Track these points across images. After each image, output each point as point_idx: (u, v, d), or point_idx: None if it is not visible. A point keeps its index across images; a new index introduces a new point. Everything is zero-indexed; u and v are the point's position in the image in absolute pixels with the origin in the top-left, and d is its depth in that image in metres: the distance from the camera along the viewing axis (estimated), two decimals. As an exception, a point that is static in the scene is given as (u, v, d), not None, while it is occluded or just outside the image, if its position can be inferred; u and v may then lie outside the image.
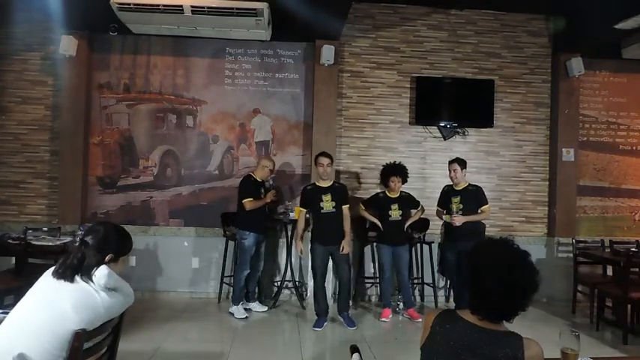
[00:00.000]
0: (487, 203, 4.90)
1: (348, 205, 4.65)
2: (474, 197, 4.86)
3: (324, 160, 4.57)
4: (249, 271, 4.85)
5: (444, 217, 4.94)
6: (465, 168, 4.91)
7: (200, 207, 5.66)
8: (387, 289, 4.94)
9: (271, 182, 5.14)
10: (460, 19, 5.93)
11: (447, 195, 4.97)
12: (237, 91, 5.75)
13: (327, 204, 4.51)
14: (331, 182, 4.66)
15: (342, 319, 4.60)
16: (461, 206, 4.79)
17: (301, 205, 4.70)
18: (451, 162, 4.92)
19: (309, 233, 4.78)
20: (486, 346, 1.39)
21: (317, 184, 4.64)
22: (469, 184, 4.94)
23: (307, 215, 4.75)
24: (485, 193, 4.94)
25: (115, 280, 1.88)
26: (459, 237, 4.65)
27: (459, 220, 4.72)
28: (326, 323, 4.54)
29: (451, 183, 4.98)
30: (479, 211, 4.85)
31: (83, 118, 5.49)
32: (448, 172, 4.93)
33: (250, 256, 4.84)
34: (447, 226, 4.92)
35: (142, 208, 5.64)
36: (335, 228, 4.54)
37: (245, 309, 4.89)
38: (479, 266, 1.47)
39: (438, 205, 5.08)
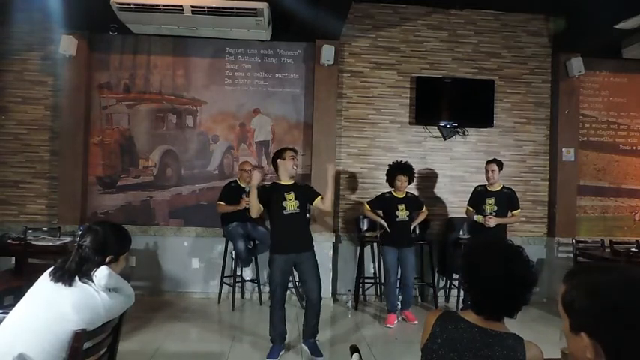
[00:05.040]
0: (519, 208, 4.95)
1: (320, 196, 3.88)
2: (507, 200, 4.88)
3: (294, 154, 3.86)
4: (243, 240, 5.05)
5: (475, 217, 4.90)
6: (502, 169, 4.90)
7: (200, 207, 5.65)
8: (392, 294, 4.81)
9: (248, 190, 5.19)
10: (460, 19, 5.93)
11: (480, 195, 4.94)
12: (237, 91, 5.74)
13: (291, 204, 3.75)
14: (293, 181, 3.91)
15: (306, 348, 3.82)
16: (495, 208, 4.81)
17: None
18: (490, 162, 4.90)
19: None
20: (487, 347, 1.39)
21: (277, 182, 3.87)
22: (503, 186, 4.94)
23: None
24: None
25: (116, 280, 1.87)
26: (488, 237, 4.63)
27: (493, 221, 4.74)
28: (282, 351, 3.81)
29: (484, 183, 4.98)
30: (509, 214, 4.87)
31: (83, 118, 5.49)
32: (485, 172, 4.91)
33: (241, 235, 5.04)
34: (475, 226, 4.92)
35: (142, 208, 5.64)
36: (299, 233, 3.81)
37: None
38: (476, 264, 1.48)
39: (469, 204, 5.04)
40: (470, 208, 5.02)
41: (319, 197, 3.86)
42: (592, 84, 6.10)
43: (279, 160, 3.83)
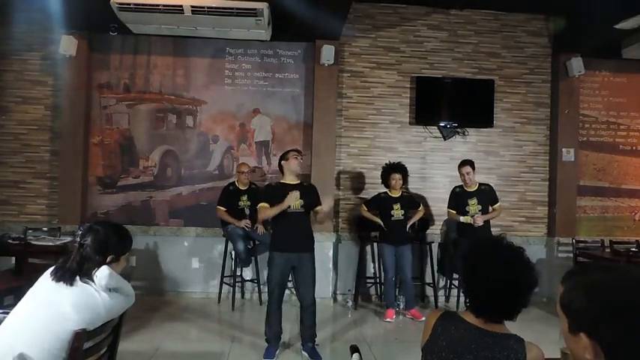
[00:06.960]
0: (498, 201, 5.02)
1: (320, 207, 3.86)
2: (488, 197, 4.96)
3: (297, 153, 3.90)
4: (242, 241, 5.01)
5: (462, 218, 4.91)
6: (475, 169, 4.94)
7: (200, 207, 5.65)
8: (390, 290, 4.94)
9: (249, 205, 5.18)
10: (460, 19, 5.93)
11: (459, 196, 4.97)
12: (237, 91, 5.74)
13: (295, 202, 3.69)
14: (299, 181, 3.90)
15: (305, 353, 3.75)
16: (479, 207, 4.87)
17: (265, 201, 3.77)
18: (463, 165, 4.92)
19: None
20: (488, 348, 1.38)
21: (283, 182, 3.86)
22: (479, 183, 5.00)
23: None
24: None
25: (116, 280, 1.87)
26: (479, 235, 4.67)
27: (480, 220, 4.79)
28: (278, 351, 3.78)
29: (460, 184, 5.01)
30: (490, 209, 4.94)
31: (83, 118, 5.48)
32: (460, 175, 4.94)
33: (241, 236, 5.01)
34: (463, 226, 4.93)
35: (142, 208, 5.64)
36: (302, 232, 3.77)
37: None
38: (476, 267, 1.45)
39: (450, 207, 5.06)
40: (452, 211, 5.03)
41: (319, 207, 3.83)
42: (592, 84, 6.09)
43: (282, 162, 3.87)
